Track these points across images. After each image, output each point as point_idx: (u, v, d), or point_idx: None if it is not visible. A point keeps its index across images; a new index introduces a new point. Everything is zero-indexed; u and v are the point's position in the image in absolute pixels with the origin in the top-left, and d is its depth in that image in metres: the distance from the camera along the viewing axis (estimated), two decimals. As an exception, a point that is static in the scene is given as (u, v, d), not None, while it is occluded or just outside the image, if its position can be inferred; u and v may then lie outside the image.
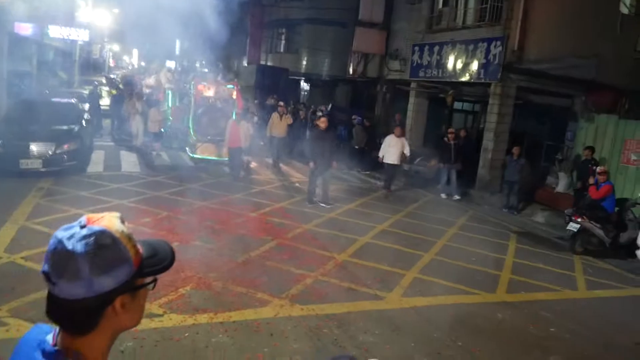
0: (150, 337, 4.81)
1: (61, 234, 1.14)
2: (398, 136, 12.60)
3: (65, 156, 11.01)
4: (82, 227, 1.14)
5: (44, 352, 1.16)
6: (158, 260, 1.23)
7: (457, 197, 12.96)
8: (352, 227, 9.48)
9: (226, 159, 13.10)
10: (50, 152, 10.81)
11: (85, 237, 1.12)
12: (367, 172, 15.38)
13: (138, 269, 1.18)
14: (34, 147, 10.70)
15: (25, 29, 16.56)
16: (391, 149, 12.55)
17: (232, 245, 7.77)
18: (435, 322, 5.89)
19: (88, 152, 12.82)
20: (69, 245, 1.11)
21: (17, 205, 8.72)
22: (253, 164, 14.31)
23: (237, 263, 7.05)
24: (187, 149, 14.22)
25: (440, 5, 16.82)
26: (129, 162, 13.64)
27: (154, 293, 5.51)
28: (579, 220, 9.45)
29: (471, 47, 14.70)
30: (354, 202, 11.51)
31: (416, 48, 17.29)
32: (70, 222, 1.16)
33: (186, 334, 5.00)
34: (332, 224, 9.63)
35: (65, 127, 11.73)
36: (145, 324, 5.11)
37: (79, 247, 1.10)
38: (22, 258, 6.51)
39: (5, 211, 8.27)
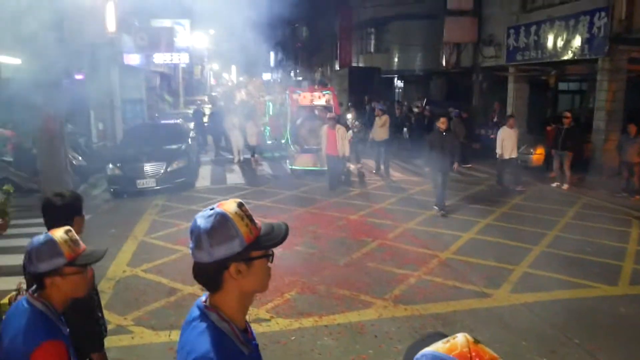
0: (258, 341, 4.97)
1: (199, 214, 1.51)
2: (512, 127, 11.95)
3: (175, 174, 11.80)
4: (211, 209, 1.50)
5: (198, 307, 1.55)
6: (273, 237, 1.54)
7: (566, 185, 12.06)
8: (455, 224, 9.22)
9: (325, 168, 12.51)
10: (162, 171, 11.65)
11: (209, 217, 1.48)
12: (469, 166, 14.83)
13: (251, 243, 1.48)
14: (148, 168, 11.60)
15: (133, 59, 18.02)
16: (507, 143, 11.86)
17: (334, 248, 7.87)
18: (549, 318, 5.55)
19: (196, 168, 13.64)
20: (199, 222, 1.48)
21: (136, 222, 9.49)
22: (354, 167, 13.85)
23: (340, 266, 7.13)
24: (287, 161, 14.24)
25: (535, -17, 15.92)
26: (233, 174, 14.29)
27: (261, 299, 5.78)
28: None
29: (572, 22, 13.74)
30: (457, 197, 11.17)
31: (511, 31, 16.49)
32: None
33: (292, 338, 5.15)
34: (435, 221, 9.43)
35: (173, 147, 12.59)
36: (253, 328, 5.32)
37: (203, 224, 1.47)
38: (142, 271, 7.07)
39: (126, 228, 9.03)
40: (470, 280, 6.59)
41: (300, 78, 39.98)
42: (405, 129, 18.82)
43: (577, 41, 13.58)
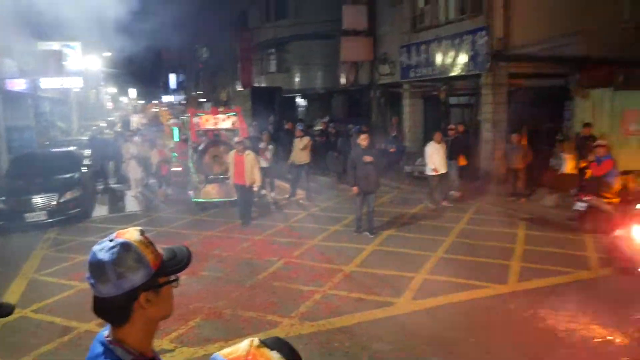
0: (161, 374, 4.80)
1: (96, 247, 1.46)
2: (439, 142, 11.77)
3: (69, 204, 11.12)
4: (111, 240, 1.46)
5: (102, 343, 1.49)
6: (177, 261, 1.53)
7: (455, 193, 12.70)
8: (359, 238, 9.46)
9: (234, 198, 11.22)
10: (53, 202, 10.93)
11: (111, 248, 1.44)
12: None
13: (157, 270, 1.47)
14: (37, 200, 10.83)
15: (18, 84, 16.86)
16: (436, 157, 11.59)
17: (240, 270, 7.77)
18: (448, 321, 5.82)
19: (92, 197, 12.93)
20: (100, 255, 1.43)
21: (25, 259, 8.81)
22: (268, 195, 13.02)
23: (246, 288, 7.04)
24: (189, 192, 12.59)
25: (422, 4, 16.88)
26: (131, 202, 13.65)
27: (164, 329, 5.57)
28: (585, 198, 9.35)
29: (457, 40, 14.72)
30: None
31: (403, 49, 17.35)
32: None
33: (197, 366, 5.00)
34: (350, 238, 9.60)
35: (66, 176, 11.86)
36: (157, 361, 5.11)
37: (107, 256, 1.42)
38: (32, 311, 6.56)
39: (14, 266, 8.36)
40: (374, 291, 6.77)
41: (204, 100, 39.42)
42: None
43: (462, 58, 14.55)
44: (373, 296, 6.61)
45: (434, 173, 11.67)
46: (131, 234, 1.49)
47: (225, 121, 12.81)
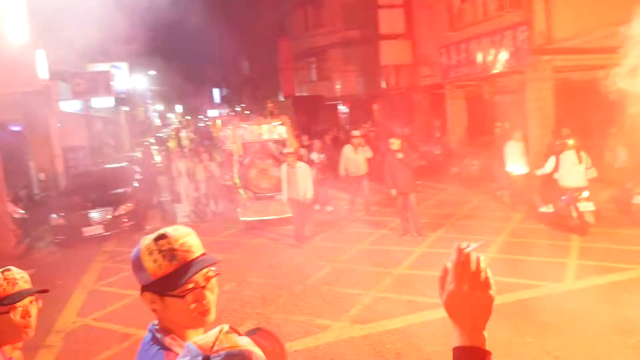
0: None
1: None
2: (519, 140, 11.25)
3: (123, 218, 11.53)
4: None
5: (150, 330, 1.57)
6: (186, 275, 1.47)
7: (504, 192, 12.37)
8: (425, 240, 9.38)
9: (287, 214, 10.31)
10: (109, 216, 11.36)
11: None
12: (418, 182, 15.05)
13: (159, 279, 1.46)
14: (93, 214, 11.30)
15: (71, 106, 17.67)
16: (515, 156, 11.09)
17: (289, 276, 7.85)
18: (502, 321, 5.70)
19: (144, 210, 13.36)
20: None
21: (85, 270, 9.20)
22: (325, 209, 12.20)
23: (295, 293, 7.11)
24: (238, 210, 11.48)
25: (460, 3, 16.68)
26: (184, 214, 13.93)
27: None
28: (643, 191, 8.96)
29: (497, 37, 14.44)
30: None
31: (443, 50, 17.16)
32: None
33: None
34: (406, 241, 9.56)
35: (120, 191, 12.31)
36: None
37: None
38: (93, 320, 6.84)
39: (74, 278, 8.74)
40: (424, 293, 6.69)
41: (248, 112, 40.11)
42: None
43: (504, 55, 14.25)
44: (424, 298, 6.54)
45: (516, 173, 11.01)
46: (147, 238, 1.53)
47: (271, 132, 11.95)
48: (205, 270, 1.51)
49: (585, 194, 8.80)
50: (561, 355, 4.84)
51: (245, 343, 1.12)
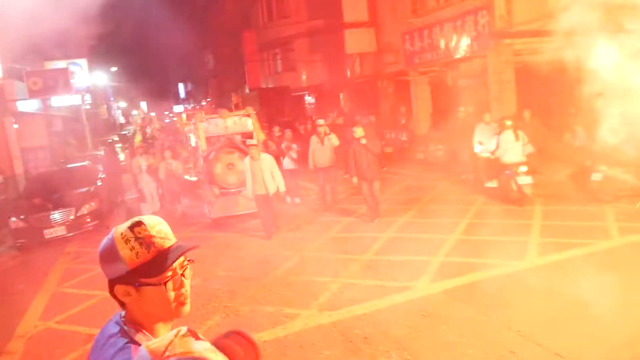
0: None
1: None
2: (488, 122, 11.40)
3: (86, 218, 11.26)
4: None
5: (117, 322, 1.51)
6: (162, 263, 1.44)
7: (468, 175, 12.54)
8: (377, 226, 9.43)
9: (253, 210, 10.08)
10: (71, 217, 11.08)
11: (109, 234, 1.48)
12: (384, 169, 15.15)
13: (136, 268, 1.42)
14: (55, 215, 11.00)
15: (29, 105, 17.13)
16: (485, 138, 11.04)
17: (257, 268, 7.80)
18: (466, 300, 5.77)
19: (109, 209, 13.08)
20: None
21: (47, 273, 8.96)
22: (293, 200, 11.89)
23: (263, 284, 7.06)
24: (205, 207, 11.37)
25: (421, -11, 16.75)
26: (151, 212, 13.72)
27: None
28: (601, 168, 9.19)
29: (459, 22, 14.55)
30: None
31: (407, 36, 17.21)
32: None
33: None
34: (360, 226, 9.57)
35: (82, 190, 12.01)
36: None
37: (102, 242, 1.49)
38: (56, 323, 6.66)
39: (36, 281, 8.50)
40: (392, 277, 6.73)
41: (214, 106, 39.67)
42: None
43: (466, 40, 14.38)
44: (391, 282, 6.58)
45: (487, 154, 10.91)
46: (121, 225, 1.47)
47: (237, 124, 11.48)
48: (182, 258, 1.49)
49: (523, 168, 9.59)
50: (523, 329, 4.92)
51: (200, 349, 1.07)
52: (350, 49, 20.41)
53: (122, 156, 20.86)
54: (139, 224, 1.46)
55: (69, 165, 14.74)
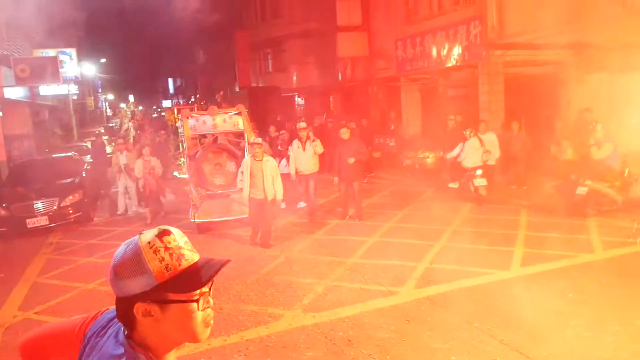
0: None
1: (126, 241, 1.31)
2: (484, 133, 11.41)
3: (70, 209, 11.13)
4: (135, 237, 1.28)
5: (120, 342, 1.31)
6: (198, 277, 1.27)
7: (456, 183, 12.67)
8: (363, 229, 9.45)
9: (244, 215, 9.43)
10: (55, 207, 10.94)
11: (126, 245, 1.28)
12: (372, 175, 15.18)
13: (164, 282, 1.23)
14: (38, 205, 10.85)
15: (15, 92, 16.88)
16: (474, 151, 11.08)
17: (242, 267, 7.77)
18: (450, 307, 5.80)
19: (93, 201, 12.95)
20: (118, 250, 1.29)
21: (28, 263, 8.82)
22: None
23: (247, 283, 7.03)
24: (190, 211, 10.12)
25: (416, -4, 16.85)
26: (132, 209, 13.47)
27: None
28: (587, 182, 9.31)
29: (451, 31, 14.68)
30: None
31: (399, 43, 17.31)
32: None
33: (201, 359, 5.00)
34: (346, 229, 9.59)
35: (66, 181, 11.87)
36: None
37: (119, 253, 1.28)
38: (35, 313, 6.56)
39: (16, 271, 8.37)
40: (377, 281, 6.74)
41: (203, 102, 39.45)
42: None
43: (458, 49, 14.51)
44: (376, 286, 6.59)
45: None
46: (147, 234, 1.28)
47: (227, 122, 10.58)
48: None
49: (479, 172, 10.70)
50: (506, 338, 4.96)
51: None
52: (343, 53, 20.44)
53: (108, 149, 20.63)
54: (167, 232, 1.28)
55: (53, 155, 14.56)
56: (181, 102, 46.58)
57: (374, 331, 5.33)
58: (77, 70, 21.41)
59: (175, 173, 15.25)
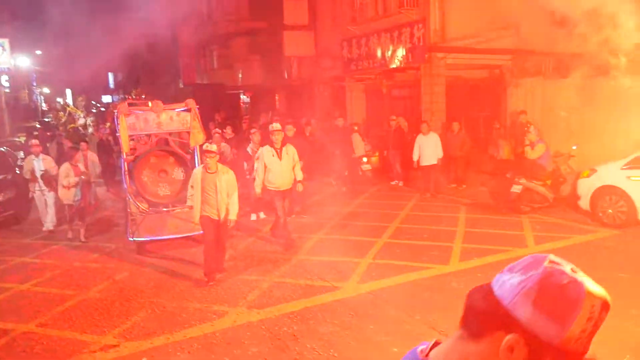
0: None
1: (552, 255, 1.03)
2: (426, 133, 11.80)
3: (2, 206, 10.59)
4: (574, 271, 0.99)
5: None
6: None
7: (398, 182, 13.11)
8: (304, 227, 9.51)
9: (192, 232, 8.09)
10: (-16, 205, 10.38)
11: (561, 274, 0.99)
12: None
13: (567, 346, 0.95)
14: (-34, 203, 10.26)
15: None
16: (427, 150, 11.67)
17: (185, 265, 7.66)
18: (392, 301, 5.96)
19: (27, 199, 12.35)
20: (546, 263, 1.03)
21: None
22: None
23: (191, 280, 6.95)
24: (127, 228, 8.44)
25: (361, -2, 17.10)
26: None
27: (108, 325, 5.44)
28: (521, 181, 9.77)
29: (396, 33, 14.99)
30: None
31: (344, 43, 17.51)
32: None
33: (143, 359, 4.90)
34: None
35: (-3, 177, 11.29)
36: (100, 357, 4.99)
37: (550, 271, 1.00)
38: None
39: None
40: (321, 277, 6.82)
41: (144, 96, 38.37)
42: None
43: (401, 51, 14.84)
44: (320, 282, 6.67)
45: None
46: (594, 287, 0.96)
47: (174, 121, 8.67)
48: None
49: (365, 159, 13.30)
50: (446, 329, 5.15)
51: None
52: (289, 52, 20.46)
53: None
54: (608, 308, 0.97)
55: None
56: (119, 98, 45.15)
57: (318, 326, 5.40)
58: (9, 61, 20.38)
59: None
